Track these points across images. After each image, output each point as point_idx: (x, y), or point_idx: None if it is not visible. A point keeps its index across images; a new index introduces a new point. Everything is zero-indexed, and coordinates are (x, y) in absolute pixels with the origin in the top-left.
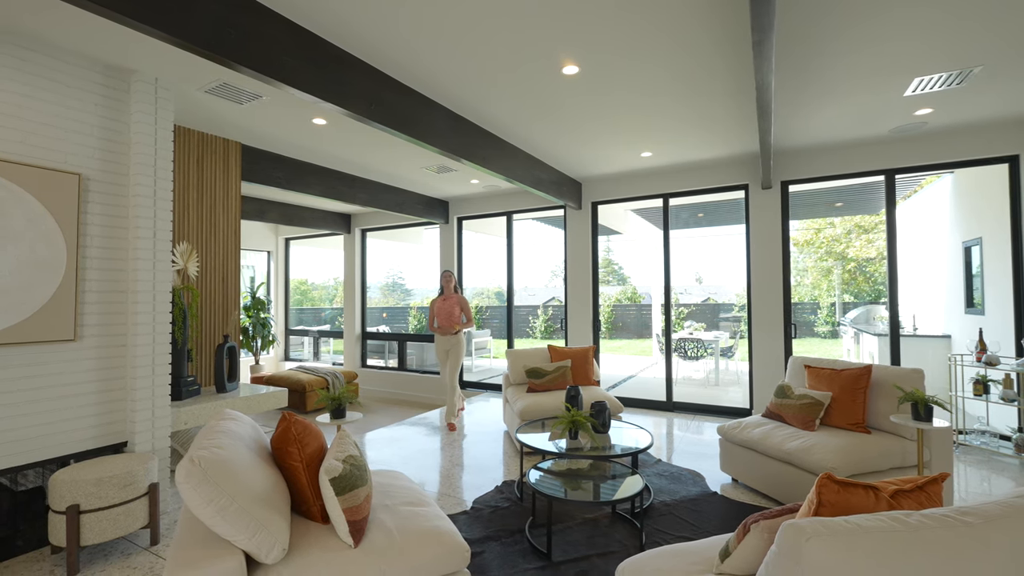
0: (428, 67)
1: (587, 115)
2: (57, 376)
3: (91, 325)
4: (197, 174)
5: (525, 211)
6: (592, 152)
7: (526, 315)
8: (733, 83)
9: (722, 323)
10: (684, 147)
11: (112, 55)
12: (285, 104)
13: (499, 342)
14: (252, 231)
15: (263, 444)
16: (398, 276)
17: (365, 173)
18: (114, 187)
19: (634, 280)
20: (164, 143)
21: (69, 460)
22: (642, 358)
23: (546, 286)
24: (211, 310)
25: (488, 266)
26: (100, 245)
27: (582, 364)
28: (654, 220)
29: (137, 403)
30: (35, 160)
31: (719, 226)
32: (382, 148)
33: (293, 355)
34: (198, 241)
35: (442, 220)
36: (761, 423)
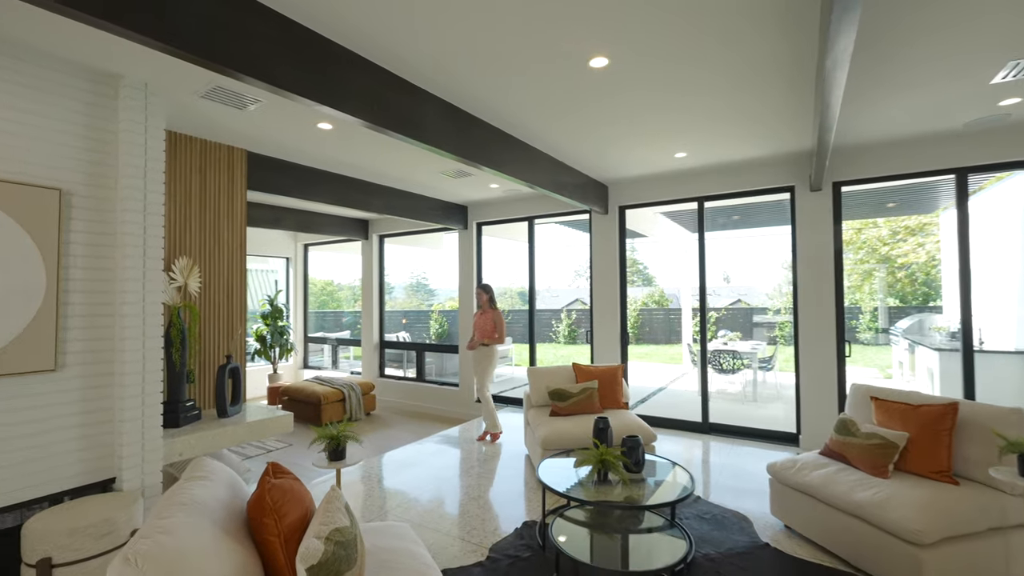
0: (436, 60)
1: (615, 113)
2: (36, 410)
3: (74, 353)
4: (200, 184)
5: (548, 216)
6: (620, 154)
7: (548, 319)
8: (786, 74)
9: (756, 329)
10: (723, 147)
11: (95, 59)
12: (286, 108)
13: (521, 347)
14: (270, 238)
15: (239, 507)
16: (422, 277)
17: (378, 179)
18: (100, 202)
19: (661, 281)
20: (155, 152)
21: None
22: (671, 366)
23: (569, 286)
24: (215, 328)
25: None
26: (84, 265)
27: (610, 385)
28: (686, 223)
29: (124, 436)
30: (9, 175)
31: (755, 228)
32: (393, 152)
33: (313, 362)
34: (201, 255)
35: (460, 226)
36: (820, 463)
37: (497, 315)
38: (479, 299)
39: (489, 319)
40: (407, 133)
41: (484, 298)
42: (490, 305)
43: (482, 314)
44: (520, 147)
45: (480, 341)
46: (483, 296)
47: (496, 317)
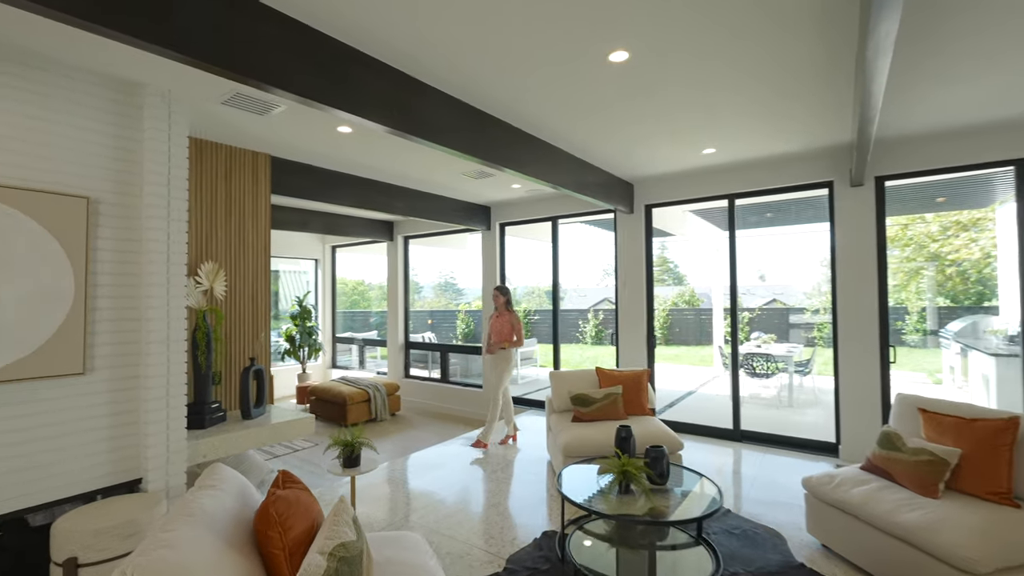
0: (451, 61)
1: (639, 109)
2: (65, 412)
3: (102, 356)
4: (225, 189)
5: (572, 216)
6: (645, 151)
7: (575, 319)
8: (822, 66)
9: (793, 330)
10: (755, 141)
11: (120, 69)
12: (306, 113)
13: (546, 347)
14: (299, 240)
15: (248, 517)
16: (450, 276)
17: (399, 181)
18: (126, 209)
19: (692, 280)
20: (179, 159)
21: (96, 496)
22: (702, 369)
23: (597, 285)
24: (241, 330)
25: (537, 267)
26: (111, 271)
27: (635, 390)
28: (716, 221)
29: (150, 437)
30: (39, 184)
31: (789, 225)
32: (413, 154)
33: (341, 361)
34: (226, 259)
35: (484, 226)
36: (861, 479)
37: (514, 318)
38: (495, 301)
39: (506, 322)
40: (424, 136)
41: (501, 300)
42: (507, 307)
43: (498, 317)
44: (541, 147)
45: (499, 345)
46: (500, 298)
47: (513, 320)
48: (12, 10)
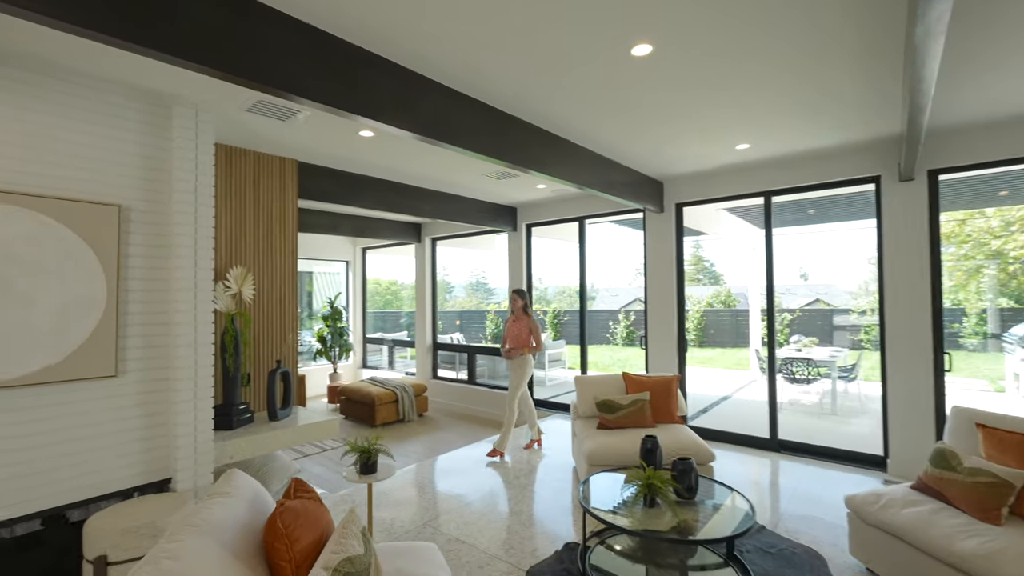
0: (467, 62)
1: (666, 105)
2: (99, 413)
3: (133, 360)
4: (253, 195)
5: (599, 216)
6: (675, 148)
7: (606, 320)
8: (865, 54)
9: (837, 332)
10: (793, 136)
11: (148, 81)
12: (327, 119)
13: (575, 349)
14: (330, 243)
15: (259, 527)
16: (481, 276)
17: (423, 183)
18: (155, 216)
19: (728, 280)
20: (205, 167)
21: (133, 494)
22: (738, 372)
23: (630, 285)
24: (268, 333)
25: (567, 267)
26: (142, 277)
27: (664, 397)
28: (752, 219)
29: (179, 438)
30: (74, 194)
31: (833, 223)
32: (436, 156)
33: (372, 361)
34: (255, 264)
35: (510, 227)
36: (911, 499)
37: (532, 323)
38: (513, 304)
39: (524, 327)
40: (445, 139)
41: (519, 304)
42: (524, 311)
43: (515, 320)
44: (566, 146)
45: (517, 350)
46: (517, 301)
47: (531, 325)
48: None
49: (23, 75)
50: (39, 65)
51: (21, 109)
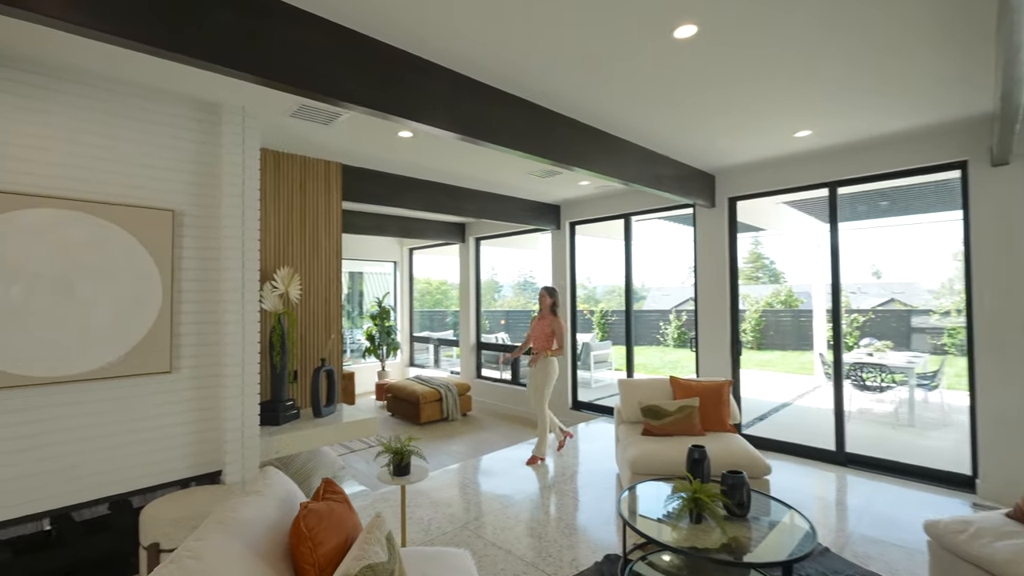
0: (504, 56)
1: (714, 91)
2: (155, 407)
3: (186, 357)
4: (300, 198)
5: (646, 212)
6: (726, 138)
7: (656, 320)
8: (952, 11)
9: (915, 335)
10: (862, 118)
11: (200, 91)
12: (367, 121)
13: (622, 350)
14: (378, 244)
15: (287, 528)
16: (529, 276)
17: (465, 183)
18: (205, 219)
19: (789, 278)
20: (251, 171)
21: (190, 483)
22: (800, 378)
23: (682, 284)
24: (315, 331)
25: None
26: (194, 278)
27: (714, 403)
28: (816, 213)
29: (227, 432)
30: (132, 200)
31: (910, 215)
32: (477, 156)
33: (419, 360)
34: (301, 264)
35: (553, 226)
36: (1007, 530)
37: (557, 323)
38: (541, 303)
39: (547, 326)
40: (483, 137)
41: (547, 302)
42: (552, 311)
43: (540, 319)
44: (609, 141)
45: (541, 354)
46: (546, 300)
47: (556, 325)
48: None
49: (87, 91)
50: (101, 80)
51: (85, 122)
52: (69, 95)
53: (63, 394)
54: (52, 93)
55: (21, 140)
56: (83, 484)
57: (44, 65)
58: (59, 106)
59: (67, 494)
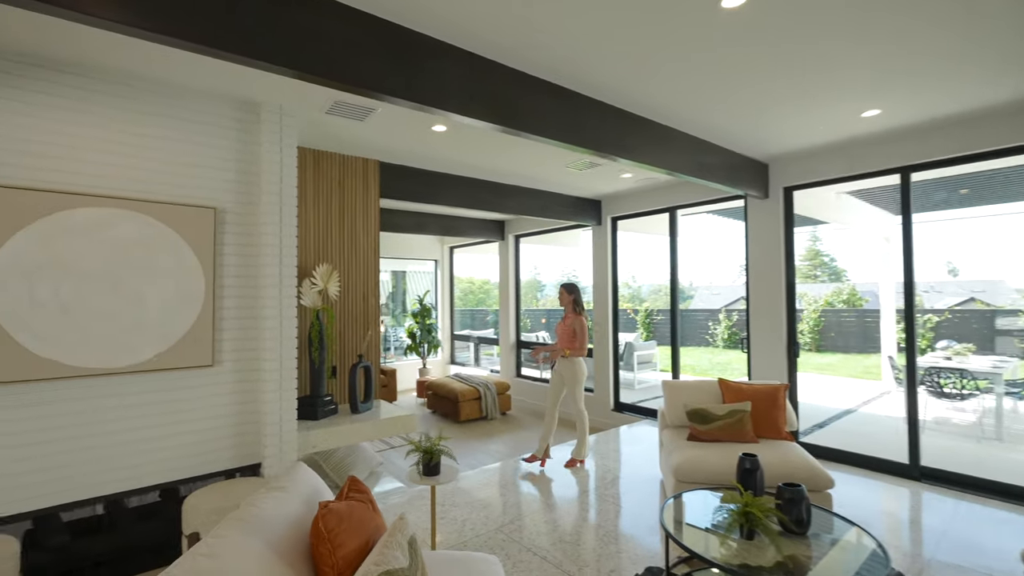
0: (541, 42)
1: (767, 67)
2: (198, 400)
3: (227, 351)
4: (339, 196)
5: (693, 205)
6: (781, 121)
7: (705, 320)
8: None
9: (1000, 338)
10: (942, 90)
11: (237, 88)
12: (399, 115)
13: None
14: (419, 243)
15: (309, 526)
16: (572, 275)
17: (503, 179)
18: (245, 217)
19: (852, 275)
20: (289, 169)
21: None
22: (864, 383)
23: (733, 283)
24: (353, 328)
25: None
26: (234, 274)
27: (768, 408)
28: (885, 203)
29: (266, 426)
30: (177, 198)
31: (995, 204)
32: (513, 149)
33: (460, 358)
34: (340, 261)
35: (594, 221)
36: None
37: (577, 321)
38: (561, 301)
39: (569, 326)
40: (518, 126)
41: (567, 300)
42: (574, 309)
43: (563, 320)
44: (651, 128)
45: (559, 352)
46: (566, 297)
47: (577, 324)
48: (155, 47)
49: (133, 92)
50: (146, 82)
51: (132, 123)
52: (116, 97)
53: (114, 385)
54: (101, 95)
55: (72, 141)
56: (133, 472)
57: (93, 68)
58: (107, 108)
59: (117, 481)
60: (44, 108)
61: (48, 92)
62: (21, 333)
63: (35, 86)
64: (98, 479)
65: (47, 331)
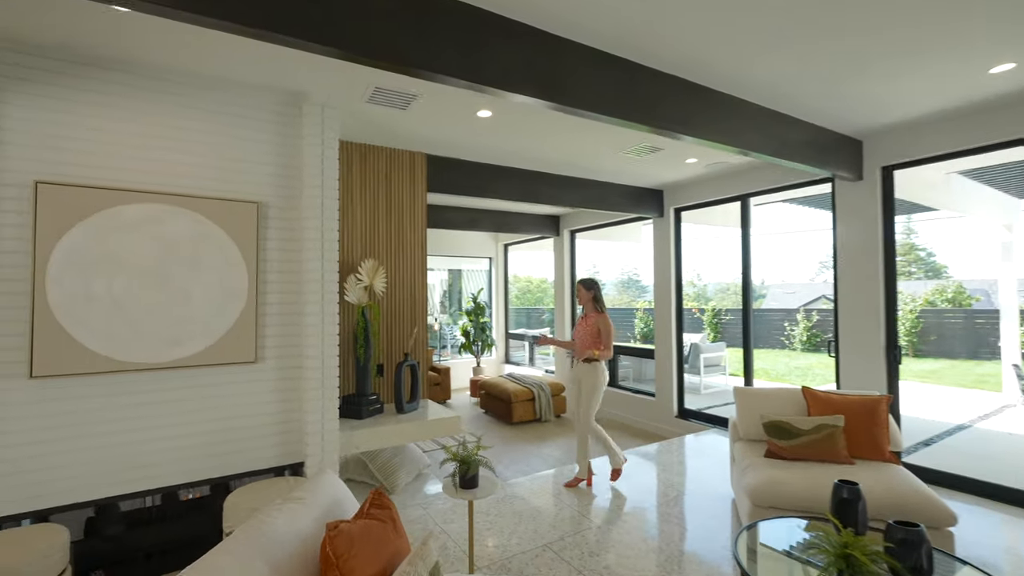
0: (582, 4)
1: (867, 12)
2: (241, 396)
3: (270, 347)
4: (385, 190)
5: (768, 192)
6: (883, 85)
7: (779, 320)
8: None
9: None
10: None
11: (280, 80)
12: (442, 102)
13: (737, 353)
14: (474, 240)
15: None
16: (633, 273)
17: (553, 168)
18: (286, 211)
19: (956, 271)
20: (330, 162)
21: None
22: (979, 393)
23: (811, 281)
24: (400, 325)
25: (728, 259)
26: (277, 269)
27: (866, 424)
28: (1007, 185)
29: (307, 425)
30: (222, 193)
31: None
32: (562, 135)
33: (515, 357)
34: (387, 257)
35: (655, 213)
36: None
37: (602, 319)
38: (580, 299)
39: (592, 325)
40: (564, 100)
41: (586, 296)
42: (595, 307)
43: (583, 318)
44: (719, 101)
45: (582, 355)
46: (584, 294)
47: (601, 322)
48: (200, 39)
49: (174, 87)
50: (190, 77)
51: (173, 117)
52: (159, 92)
53: (160, 380)
54: (144, 92)
55: (117, 139)
56: (180, 467)
57: (138, 64)
58: (150, 103)
59: (168, 475)
60: (92, 106)
61: (96, 90)
62: (77, 327)
63: (86, 85)
64: (148, 472)
65: (100, 326)
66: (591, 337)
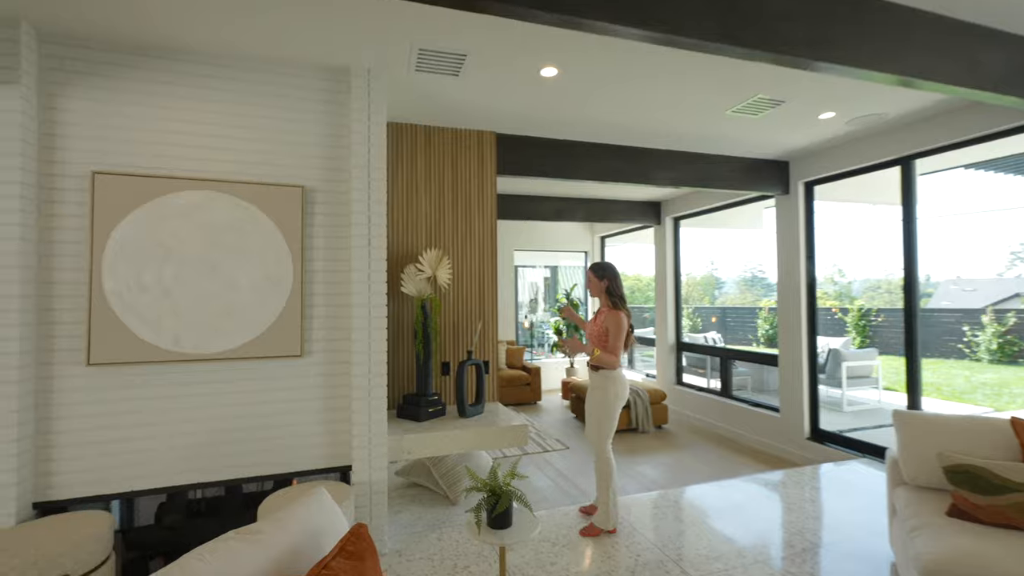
0: None
1: None
2: (285, 392)
3: (316, 341)
4: (452, 175)
5: (943, 150)
6: None
7: (955, 323)
8: None
9: None
10: None
11: (318, 51)
12: (497, 61)
13: (893, 362)
14: (567, 231)
15: None
16: (758, 269)
17: (644, 141)
18: (333, 195)
19: None
20: (377, 139)
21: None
22: None
23: (999, 276)
24: (468, 320)
25: (878, 247)
26: (323, 258)
27: None
28: None
29: (355, 427)
30: (264, 177)
31: None
32: (648, 92)
33: None
34: (453, 248)
35: (779, 190)
36: None
37: (612, 317)
38: (592, 290)
39: (600, 324)
40: (639, 25)
41: (599, 287)
42: (610, 300)
43: (596, 315)
44: (870, 11)
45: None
46: (596, 284)
47: (611, 321)
48: (245, 20)
49: (216, 70)
50: (229, 58)
51: (216, 101)
52: (202, 76)
53: (207, 371)
54: (194, 77)
55: (169, 126)
56: (226, 462)
57: (182, 50)
58: (194, 88)
59: (219, 469)
60: (139, 95)
61: (143, 79)
62: (129, 316)
63: (132, 74)
64: (194, 465)
65: (150, 314)
66: (598, 339)
